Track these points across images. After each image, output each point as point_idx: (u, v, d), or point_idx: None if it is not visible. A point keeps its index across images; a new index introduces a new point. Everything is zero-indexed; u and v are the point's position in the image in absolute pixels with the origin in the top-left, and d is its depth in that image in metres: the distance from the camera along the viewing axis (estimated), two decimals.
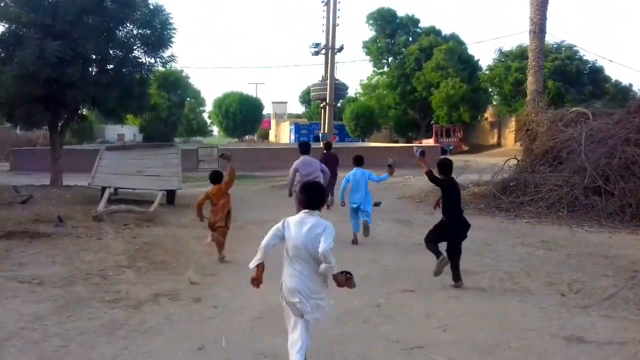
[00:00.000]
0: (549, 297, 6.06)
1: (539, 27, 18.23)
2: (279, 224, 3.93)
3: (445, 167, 6.64)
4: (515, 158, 15.99)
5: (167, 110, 64.85)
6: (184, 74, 67.35)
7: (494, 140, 49.60)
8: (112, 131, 66.21)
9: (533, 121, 16.46)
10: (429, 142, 46.28)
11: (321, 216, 3.92)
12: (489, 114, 52.89)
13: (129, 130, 69.05)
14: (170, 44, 17.31)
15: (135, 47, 17.28)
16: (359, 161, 9.36)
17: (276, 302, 5.68)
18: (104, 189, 12.47)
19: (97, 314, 5.31)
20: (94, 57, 17.14)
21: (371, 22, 54.94)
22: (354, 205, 9.11)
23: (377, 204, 9.87)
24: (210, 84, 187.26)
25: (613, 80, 46.23)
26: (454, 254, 6.53)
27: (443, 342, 4.68)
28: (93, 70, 17.58)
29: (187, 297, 5.89)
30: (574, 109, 15.90)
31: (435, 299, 6.02)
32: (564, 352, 4.46)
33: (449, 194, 6.58)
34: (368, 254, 8.36)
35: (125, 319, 5.16)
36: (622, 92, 44.94)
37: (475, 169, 19.67)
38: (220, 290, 6.22)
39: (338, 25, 27.83)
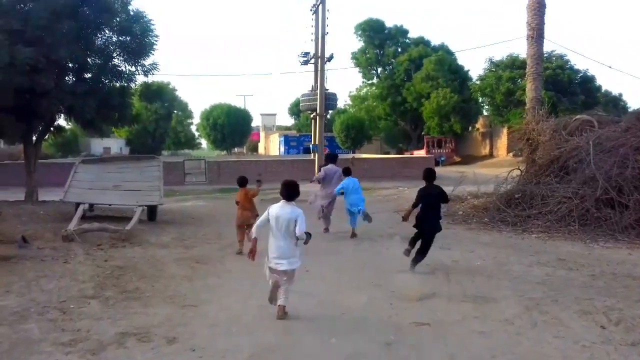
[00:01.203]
0: (588, 331, 5.15)
1: (537, 32, 17.58)
2: (265, 213, 5.61)
3: (430, 174, 7.88)
4: (519, 169, 15.17)
5: (154, 123, 63.76)
6: (170, 87, 66.55)
7: (485, 150, 49.03)
8: (98, 145, 64.97)
9: (534, 130, 15.71)
10: (421, 153, 45.66)
11: (294, 205, 5.60)
12: (480, 124, 52.43)
13: (115, 144, 67.89)
14: (152, 52, 16.45)
15: (114, 55, 16.43)
16: (348, 172, 11.25)
17: (267, 341, 4.77)
18: (78, 205, 11.43)
19: None
20: (70, 65, 16.25)
21: (359, 32, 54.33)
22: (351, 207, 10.88)
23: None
24: (198, 97, 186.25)
25: (603, 90, 46.05)
26: (423, 250, 7.68)
27: None
28: (70, 79, 16.69)
29: (159, 336, 4.88)
30: (578, 116, 15.15)
31: (455, 335, 5.08)
32: None
33: (422, 201, 7.74)
34: (370, 276, 7.42)
35: None
36: (613, 102, 44.76)
37: (472, 180, 18.83)
38: (200, 326, 5.22)
39: (327, 33, 27.04)
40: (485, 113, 51.13)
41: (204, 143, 79.09)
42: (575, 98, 40.09)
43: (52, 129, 17.50)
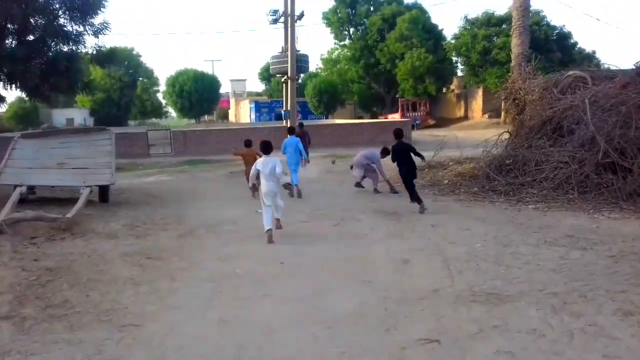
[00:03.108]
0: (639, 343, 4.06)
1: None
2: (253, 167, 7.86)
3: (399, 132, 10.03)
4: (508, 131, 14.06)
5: (118, 91, 61.04)
6: (135, 52, 63.52)
7: (460, 113, 48.05)
8: (61, 115, 62.00)
9: (521, 89, 14.62)
10: (395, 116, 44.44)
11: (271, 156, 7.78)
12: (454, 85, 51.30)
13: (79, 114, 64.91)
14: (102, 9, 14.84)
15: (59, 14, 14.78)
16: (291, 130, 12.85)
17: None
18: (16, 187, 9.88)
19: None
20: (9, 26, 14.52)
21: None
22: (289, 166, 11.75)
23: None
24: (165, 64, 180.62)
25: (577, 47, 45.23)
26: (411, 194, 9.82)
27: None
28: (10, 42, 14.98)
29: None
30: (570, 72, 14.00)
31: (475, 356, 3.92)
32: None
33: (395, 155, 9.90)
34: (357, 270, 6.19)
35: None
36: (587, 59, 43.94)
37: (454, 144, 17.78)
38: (140, 357, 3.94)
39: None
40: (459, 73, 49.94)
41: (172, 111, 76.21)
42: (552, 55, 39.01)
43: None
